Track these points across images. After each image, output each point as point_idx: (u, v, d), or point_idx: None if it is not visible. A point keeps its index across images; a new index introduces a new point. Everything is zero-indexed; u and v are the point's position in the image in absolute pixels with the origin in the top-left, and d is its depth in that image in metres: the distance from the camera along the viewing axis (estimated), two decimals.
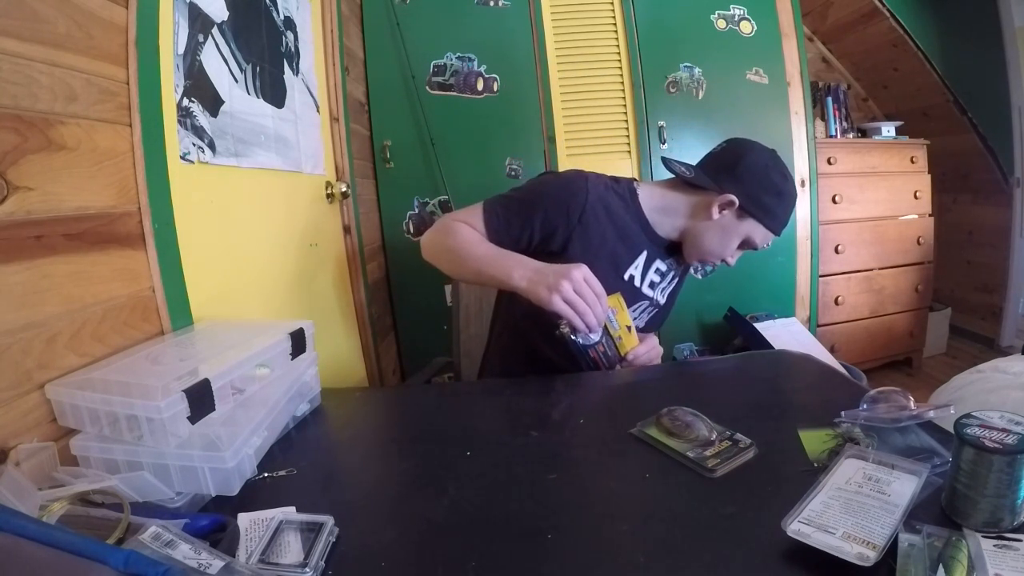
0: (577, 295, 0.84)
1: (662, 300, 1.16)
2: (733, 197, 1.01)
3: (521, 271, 0.90)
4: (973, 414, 0.51)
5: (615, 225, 1.04)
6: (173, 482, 0.59)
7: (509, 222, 1.01)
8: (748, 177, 1.02)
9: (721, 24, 2.19)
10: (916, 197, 2.56)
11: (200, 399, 0.61)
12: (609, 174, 1.12)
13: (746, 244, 1.07)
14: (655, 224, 1.08)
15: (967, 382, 1.10)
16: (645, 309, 1.13)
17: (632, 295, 1.07)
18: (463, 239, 0.99)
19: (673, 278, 1.16)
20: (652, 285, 1.11)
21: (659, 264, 1.10)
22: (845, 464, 0.56)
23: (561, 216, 1.00)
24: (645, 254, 1.08)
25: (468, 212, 1.04)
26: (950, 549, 0.43)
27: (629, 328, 0.97)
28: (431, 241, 1.04)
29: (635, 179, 1.14)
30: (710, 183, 1.04)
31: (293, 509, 0.56)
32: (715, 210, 1.03)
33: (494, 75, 2.11)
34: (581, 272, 0.86)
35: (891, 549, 0.44)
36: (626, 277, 1.07)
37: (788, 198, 1.05)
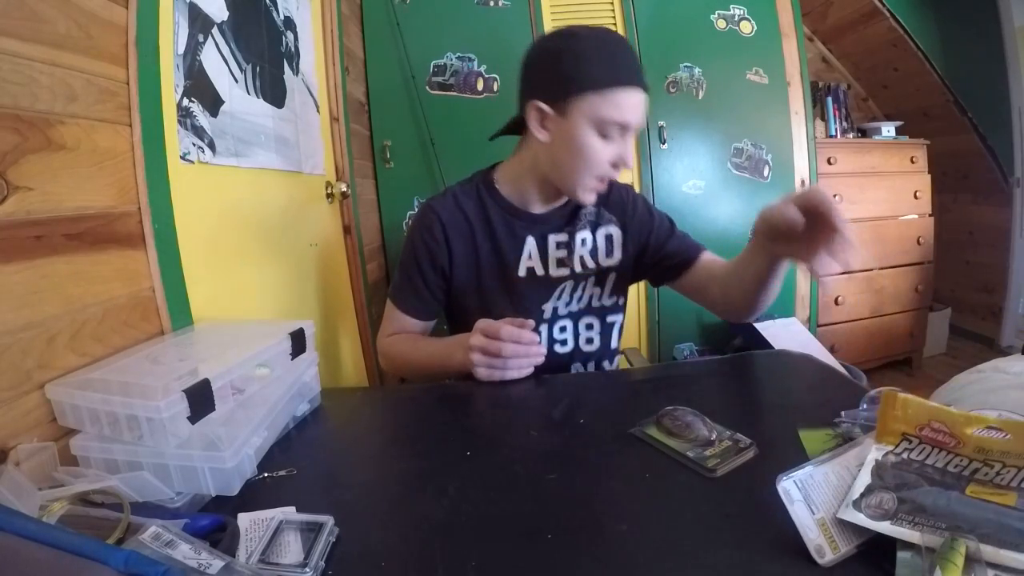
0: (489, 355, 0.82)
1: (604, 261, 1.00)
2: (536, 101, 0.86)
3: (457, 355, 0.88)
4: None
5: (480, 230, 0.97)
6: (173, 482, 0.59)
7: (415, 290, 1.01)
8: (536, 69, 0.86)
9: (721, 24, 2.19)
10: (916, 197, 2.56)
11: (200, 399, 0.61)
12: (465, 178, 1.06)
13: (613, 128, 0.83)
14: (523, 201, 0.97)
15: (967, 382, 1.10)
16: (577, 287, 1.00)
17: (544, 286, 0.98)
18: (399, 354, 1.02)
19: (594, 237, 1.00)
20: (561, 263, 0.99)
21: (556, 238, 0.98)
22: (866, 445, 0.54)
23: (435, 250, 0.97)
24: (531, 240, 0.97)
25: (387, 318, 1.05)
26: (947, 551, 0.43)
27: None
28: (387, 368, 1.07)
29: (495, 164, 1.03)
30: (517, 112, 0.91)
31: (293, 509, 0.56)
32: (536, 130, 0.87)
33: (494, 75, 2.11)
34: (476, 338, 0.82)
35: (891, 550, 0.44)
36: (523, 273, 0.98)
37: (589, 42, 0.82)
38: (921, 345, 2.72)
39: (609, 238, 1.01)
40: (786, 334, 2.10)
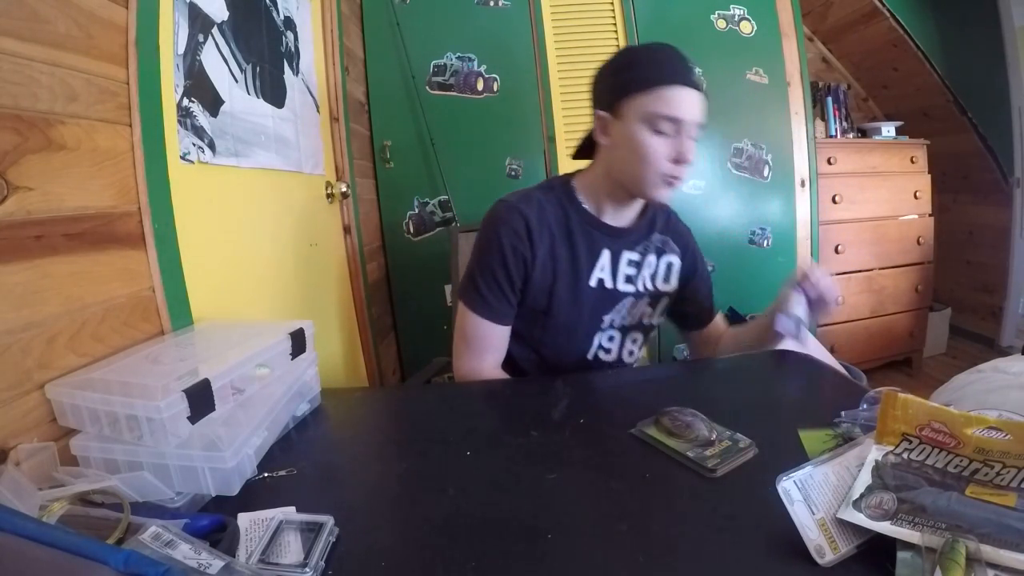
0: None
1: (662, 286, 1.08)
2: (598, 111, 0.96)
3: None
4: None
5: (561, 235, 0.99)
6: (173, 482, 0.59)
7: (502, 295, 0.98)
8: (596, 82, 0.99)
9: (721, 24, 2.19)
10: (916, 197, 2.56)
11: (200, 399, 0.61)
12: (540, 182, 1.08)
13: (663, 123, 0.89)
14: (601, 211, 1.02)
15: (967, 382, 1.10)
16: (636, 304, 1.06)
17: (610, 297, 1.03)
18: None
19: (658, 261, 1.07)
20: (629, 279, 1.04)
21: (629, 255, 1.04)
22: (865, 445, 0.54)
23: (522, 252, 0.96)
24: (607, 253, 1.02)
25: (471, 336, 0.99)
26: (948, 551, 0.43)
27: None
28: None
29: (573, 173, 1.07)
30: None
31: (293, 509, 0.56)
32: (601, 136, 0.97)
33: (494, 75, 2.11)
34: None
35: (891, 550, 0.44)
36: (593, 283, 1.01)
37: (639, 52, 0.96)
38: (921, 345, 2.72)
39: (670, 266, 1.09)
40: None
